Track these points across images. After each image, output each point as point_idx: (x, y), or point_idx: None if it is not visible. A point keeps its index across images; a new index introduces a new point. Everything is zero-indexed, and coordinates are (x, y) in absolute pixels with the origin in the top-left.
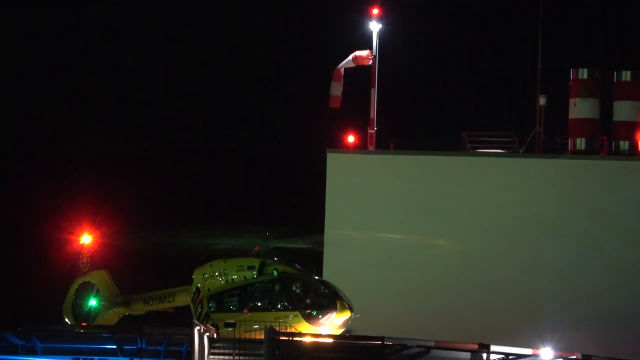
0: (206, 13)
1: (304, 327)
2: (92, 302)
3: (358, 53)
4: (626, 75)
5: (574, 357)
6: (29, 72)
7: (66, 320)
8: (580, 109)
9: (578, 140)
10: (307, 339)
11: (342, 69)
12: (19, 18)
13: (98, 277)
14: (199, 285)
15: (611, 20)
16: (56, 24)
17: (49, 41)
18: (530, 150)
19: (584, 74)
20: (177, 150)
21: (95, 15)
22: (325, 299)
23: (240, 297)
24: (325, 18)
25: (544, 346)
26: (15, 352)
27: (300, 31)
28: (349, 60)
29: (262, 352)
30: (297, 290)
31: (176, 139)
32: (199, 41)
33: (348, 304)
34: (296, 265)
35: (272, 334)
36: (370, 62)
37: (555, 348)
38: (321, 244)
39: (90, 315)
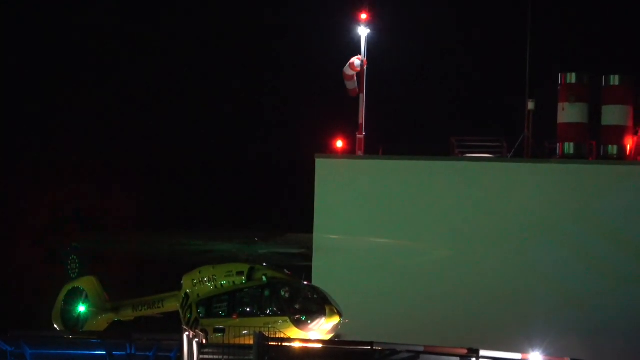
0: (194, 18)
1: (293, 332)
2: (81, 308)
3: (352, 60)
4: (615, 80)
5: None
6: (25, 69)
7: (55, 326)
8: (568, 113)
9: (567, 144)
10: (297, 345)
11: (349, 72)
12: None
13: (87, 283)
14: (188, 291)
15: (599, 24)
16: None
17: (49, 38)
18: (519, 155)
19: (572, 78)
20: (165, 154)
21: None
22: (315, 305)
23: (230, 303)
24: (313, 22)
25: (533, 351)
26: (5, 358)
27: (289, 36)
28: (347, 67)
29: (251, 357)
30: (286, 296)
31: (165, 144)
32: (190, 42)
33: (337, 310)
34: (285, 270)
35: (262, 339)
36: (358, 69)
37: (544, 353)
38: (310, 249)
39: (79, 321)
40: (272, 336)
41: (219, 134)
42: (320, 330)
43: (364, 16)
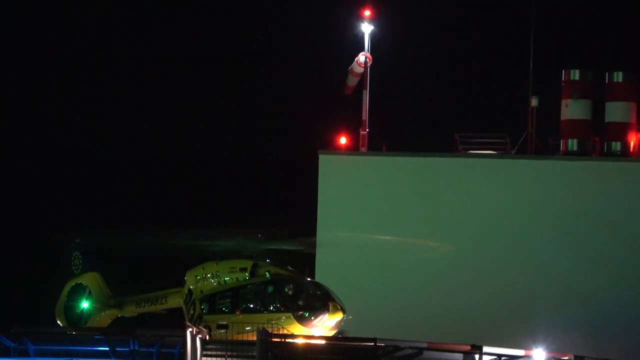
0: (198, 13)
1: (296, 328)
2: (85, 305)
3: (358, 57)
4: (618, 76)
5: (566, 358)
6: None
7: (58, 322)
8: (572, 110)
9: (570, 141)
10: (300, 341)
11: (357, 70)
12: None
13: (90, 279)
14: (191, 287)
15: (603, 21)
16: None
17: (50, 38)
18: (523, 151)
19: (575, 75)
20: (169, 151)
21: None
22: (318, 301)
23: (233, 299)
24: (317, 19)
25: (536, 347)
26: (8, 355)
27: (293, 32)
28: (355, 64)
29: (254, 353)
30: (290, 292)
31: (168, 140)
32: (193, 40)
33: (340, 306)
34: (288, 267)
35: (265, 335)
36: (364, 66)
37: (547, 349)
38: (313, 245)
39: (82, 317)
40: (276, 332)
41: (222, 131)
42: (323, 326)
43: (367, 13)
